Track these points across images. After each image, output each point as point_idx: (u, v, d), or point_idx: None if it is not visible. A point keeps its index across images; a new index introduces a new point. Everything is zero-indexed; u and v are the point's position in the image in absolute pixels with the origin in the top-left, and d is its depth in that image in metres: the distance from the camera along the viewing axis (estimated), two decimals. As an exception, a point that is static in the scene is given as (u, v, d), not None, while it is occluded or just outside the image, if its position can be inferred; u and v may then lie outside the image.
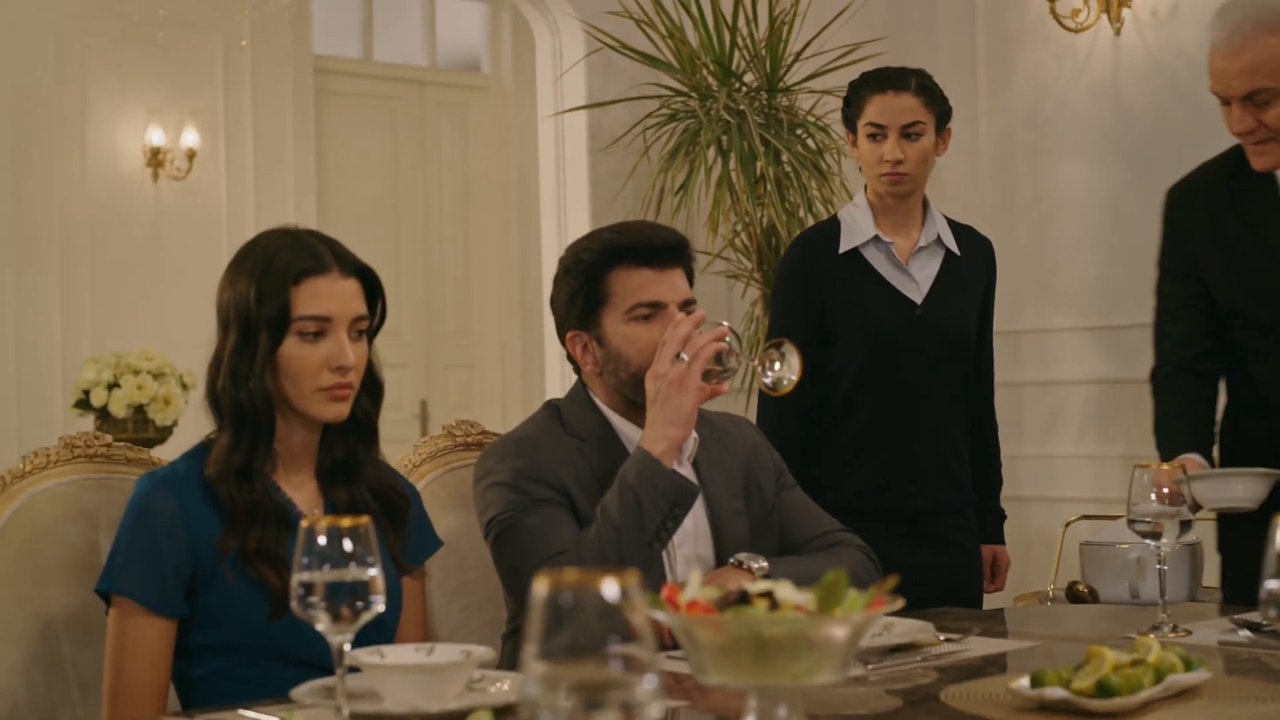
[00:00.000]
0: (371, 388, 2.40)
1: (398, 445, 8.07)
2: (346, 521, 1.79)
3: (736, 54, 4.90)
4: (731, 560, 2.57)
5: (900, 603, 1.74)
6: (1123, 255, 5.25)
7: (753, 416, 3.63)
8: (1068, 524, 4.09)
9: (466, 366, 8.37)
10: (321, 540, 1.78)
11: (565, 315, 2.72)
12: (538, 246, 5.42)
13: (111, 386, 5.87)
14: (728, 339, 2.55)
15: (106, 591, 2.28)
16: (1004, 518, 3.64)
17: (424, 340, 8.18)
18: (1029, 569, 4.76)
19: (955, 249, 3.52)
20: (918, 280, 3.49)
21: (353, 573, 1.78)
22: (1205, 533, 4.02)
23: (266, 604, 2.24)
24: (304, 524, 1.79)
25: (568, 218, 5.19)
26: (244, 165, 7.47)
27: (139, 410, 5.90)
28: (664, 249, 2.65)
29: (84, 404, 5.94)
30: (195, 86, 7.34)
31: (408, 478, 2.88)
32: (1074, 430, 5.38)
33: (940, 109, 3.47)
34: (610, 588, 1.17)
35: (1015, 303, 5.40)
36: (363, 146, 8.01)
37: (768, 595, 1.67)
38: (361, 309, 2.34)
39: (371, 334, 2.40)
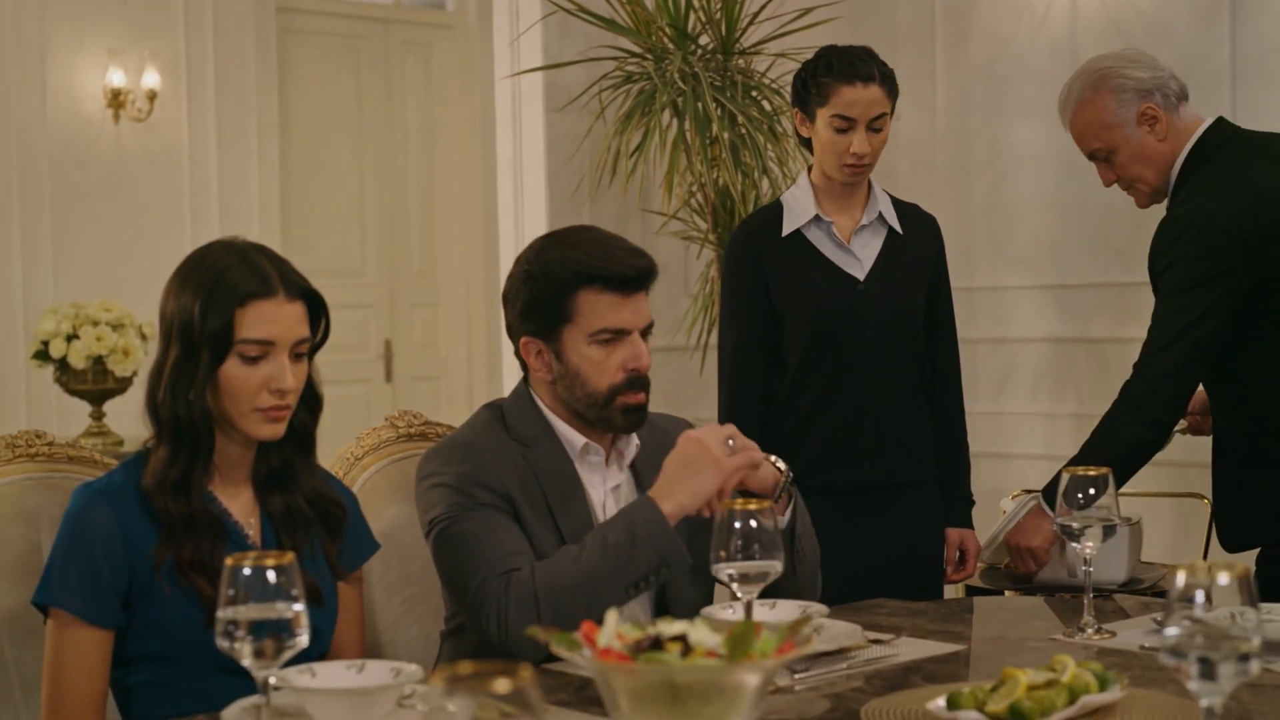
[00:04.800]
0: (310, 400, 2.42)
1: (362, 385, 8.14)
2: (271, 559, 1.82)
3: (692, 16, 4.89)
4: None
5: (814, 643, 1.79)
6: (1078, 214, 5.28)
7: (711, 385, 3.68)
8: (1013, 497, 4.13)
9: (431, 306, 8.38)
10: (246, 576, 1.81)
11: (521, 320, 2.69)
12: (501, 190, 5.41)
13: (70, 338, 5.87)
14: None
15: (44, 604, 2.31)
16: (972, 502, 3.64)
17: (389, 280, 8.20)
18: (979, 528, 4.81)
19: (898, 227, 3.55)
20: (860, 258, 3.51)
21: (277, 609, 1.81)
22: (1145, 509, 4.09)
23: (202, 614, 2.26)
24: (229, 561, 1.82)
25: (524, 178, 5.20)
26: (206, 106, 7.44)
27: (98, 361, 5.91)
28: (634, 278, 2.64)
29: (43, 355, 5.94)
30: (156, 27, 7.30)
31: (350, 469, 2.93)
32: (1026, 387, 5.43)
33: (895, 94, 3.48)
34: (503, 686, 1.21)
35: (970, 260, 5.44)
36: (326, 86, 7.97)
37: (681, 639, 1.71)
38: (304, 332, 2.35)
39: (314, 350, 2.41)
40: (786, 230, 3.50)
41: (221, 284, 2.31)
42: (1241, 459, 3.36)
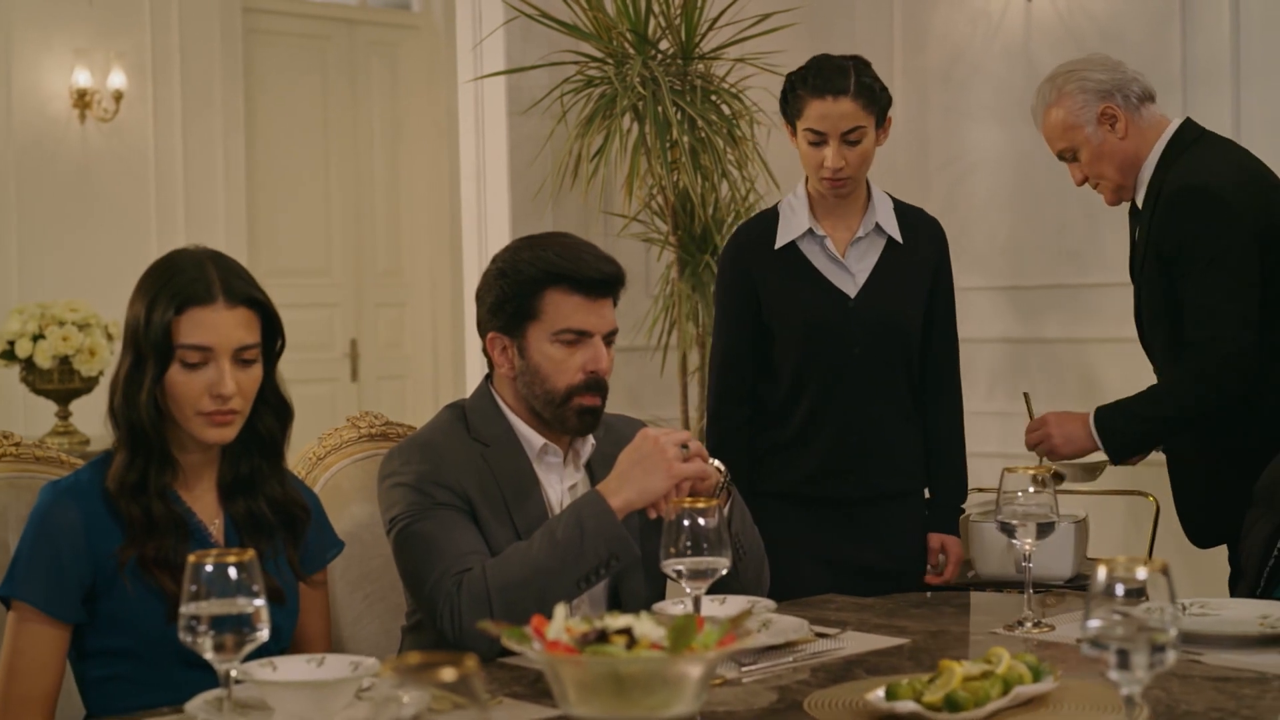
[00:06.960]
0: (279, 408, 2.49)
1: (328, 384, 8.15)
2: (232, 556, 1.89)
3: (653, 21, 4.96)
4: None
5: (754, 636, 1.86)
6: (1032, 217, 5.37)
7: (672, 385, 3.75)
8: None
9: (397, 306, 8.44)
10: (208, 573, 1.88)
11: (490, 316, 2.78)
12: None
13: (37, 338, 5.92)
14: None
15: (7, 597, 2.37)
16: (961, 511, 3.62)
17: (354, 280, 8.25)
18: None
19: (898, 236, 3.51)
20: (854, 273, 3.49)
21: (238, 605, 1.88)
22: (1095, 507, 4.18)
23: (164, 609, 2.33)
24: (191, 559, 1.89)
25: (487, 180, 5.25)
26: (172, 107, 7.47)
27: (64, 361, 5.96)
28: (601, 282, 2.72)
29: (9, 355, 5.99)
30: (122, 27, 7.33)
31: (312, 469, 2.99)
32: (983, 387, 5.51)
33: (880, 105, 3.42)
34: (449, 675, 1.27)
35: (927, 262, 5.51)
36: (292, 87, 8.01)
37: (626, 632, 1.78)
38: (247, 339, 2.40)
39: (274, 358, 2.47)
40: (780, 243, 3.50)
41: (164, 291, 2.38)
42: (1206, 453, 3.47)
